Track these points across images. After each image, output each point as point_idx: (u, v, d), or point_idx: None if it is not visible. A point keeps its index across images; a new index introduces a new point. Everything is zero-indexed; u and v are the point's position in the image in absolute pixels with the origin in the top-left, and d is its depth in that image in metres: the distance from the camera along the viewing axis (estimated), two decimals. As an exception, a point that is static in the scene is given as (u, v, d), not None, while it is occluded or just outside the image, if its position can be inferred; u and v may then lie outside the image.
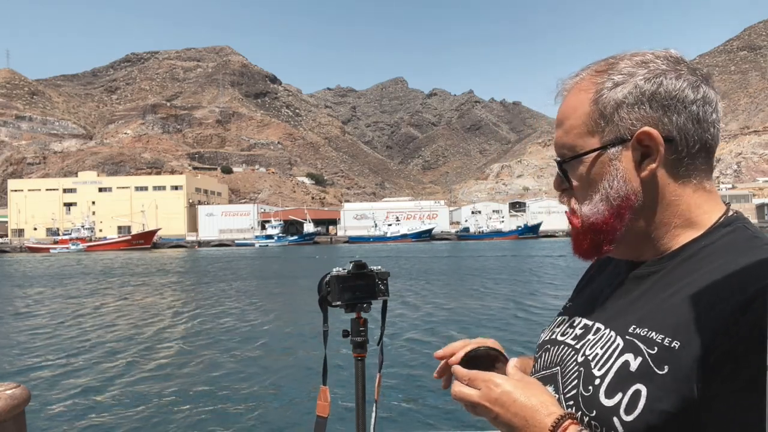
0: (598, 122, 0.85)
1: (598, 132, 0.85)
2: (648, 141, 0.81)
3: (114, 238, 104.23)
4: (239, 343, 12.87)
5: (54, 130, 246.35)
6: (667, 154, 0.82)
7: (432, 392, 8.54)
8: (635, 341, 0.79)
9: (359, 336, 1.26)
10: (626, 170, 0.84)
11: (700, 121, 0.81)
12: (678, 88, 0.81)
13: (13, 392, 1.54)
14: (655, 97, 0.81)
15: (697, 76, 0.83)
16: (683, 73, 0.82)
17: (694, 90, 0.81)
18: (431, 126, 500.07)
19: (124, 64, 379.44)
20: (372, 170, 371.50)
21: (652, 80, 0.82)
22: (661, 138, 0.81)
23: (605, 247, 0.89)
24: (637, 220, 0.86)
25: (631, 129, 0.82)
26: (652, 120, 0.81)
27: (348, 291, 1.22)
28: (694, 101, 0.81)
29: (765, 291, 0.68)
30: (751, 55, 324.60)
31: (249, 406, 8.25)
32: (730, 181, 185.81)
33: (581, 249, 0.91)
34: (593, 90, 0.86)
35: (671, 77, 0.82)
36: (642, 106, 0.81)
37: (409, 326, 14.06)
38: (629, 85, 0.82)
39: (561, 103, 0.89)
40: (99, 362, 11.24)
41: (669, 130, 0.81)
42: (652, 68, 0.83)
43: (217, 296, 22.94)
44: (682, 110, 0.81)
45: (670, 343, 0.75)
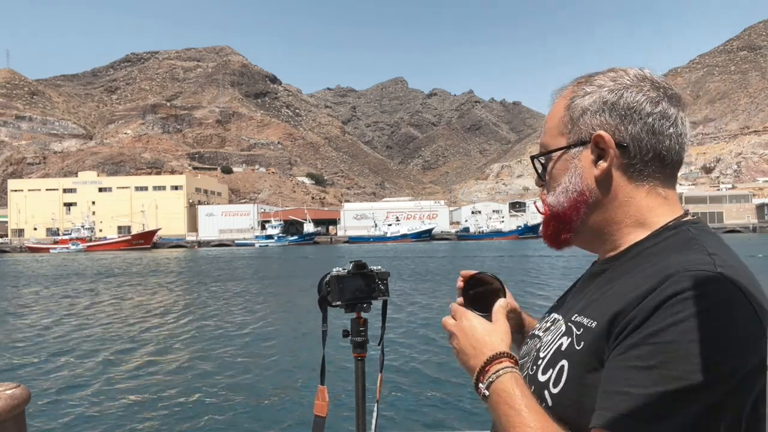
0: (567, 125, 0.98)
1: (566, 133, 0.98)
2: (602, 144, 0.93)
3: (114, 238, 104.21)
4: (239, 343, 12.88)
5: (54, 130, 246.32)
6: (621, 158, 0.93)
7: (432, 392, 8.55)
8: (572, 326, 0.93)
9: (359, 336, 1.27)
10: (584, 168, 0.96)
11: (655, 133, 0.91)
12: (636, 101, 0.91)
13: (13, 392, 1.55)
14: (615, 107, 0.92)
15: (659, 93, 0.92)
16: (645, 89, 0.92)
17: (652, 105, 0.91)
18: (431, 126, 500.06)
19: (124, 64, 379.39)
20: (372, 170, 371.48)
21: (615, 92, 0.93)
22: (613, 142, 0.92)
23: (563, 235, 1.01)
24: (592, 214, 0.97)
25: (590, 132, 0.94)
26: (610, 126, 0.93)
27: (348, 291, 1.22)
28: (650, 114, 0.91)
29: (677, 274, 0.78)
30: (751, 55, 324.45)
31: (248, 406, 8.25)
32: (730, 181, 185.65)
33: (546, 234, 1.05)
34: (569, 97, 0.99)
35: (632, 91, 0.92)
36: (603, 114, 0.93)
37: (409, 326, 14.06)
38: (596, 95, 0.94)
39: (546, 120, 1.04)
40: (99, 362, 11.25)
41: (623, 137, 0.92)
42: (618, 82, 0.94)
43: (216, 296, 22.94)
44: (638, 121, 0.91)
45: (590, 324, 0.88)
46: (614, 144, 0.92)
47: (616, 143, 0.92)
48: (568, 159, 0.98)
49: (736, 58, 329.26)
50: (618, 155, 0.93)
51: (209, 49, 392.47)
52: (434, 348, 11.55)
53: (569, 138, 0.98)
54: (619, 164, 0.93)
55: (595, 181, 0.95)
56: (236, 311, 18.27)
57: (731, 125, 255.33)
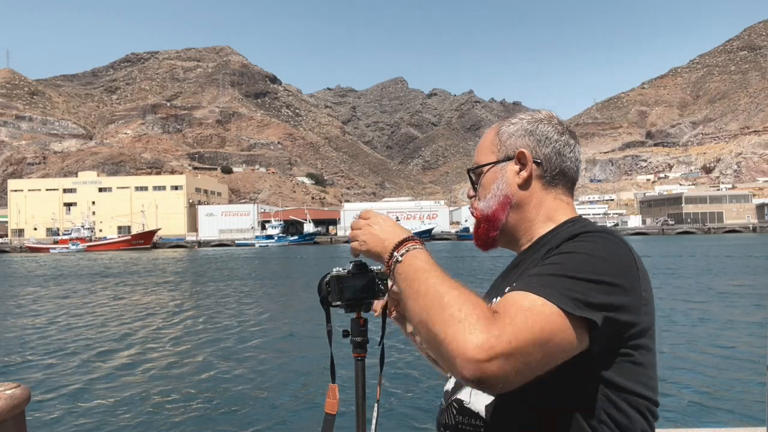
0: (497, 146, 1.29)
1: (495, 152, 1.29)
2: (524, 158, 1.24)
3: (114, 238, 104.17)
4: (240, 342, 12.86)
5: (54, 130, 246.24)
6: (537, 171, 1.25)
7: (433, 392, 8.54)
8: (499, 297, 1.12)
9: (359, 336, 1.29)
10: (509, 177, 1.26)
11: (560, 155, 1.25)
12: (547, 131, 1.26)
13: (13, 392, 1.55)
14: (532, 134, 1.26)
15: (562, 128, 1.28)
16: (553, 123, 1.28)
17: (558, 135, 1.26)
18: (431, 126, 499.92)
19: (124, 64, 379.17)
20: (372, 170, 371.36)
21: (532, 123, 1.28)
22: (531, 158, 1.24)
23: (492, 234, 1.28)
24: (513, 213, 1.26)
25: (515, 150, 1.26)
26: (529, 147, 1.25)
27: (348, 291, 1.24)
28: (557, 141, 1.25)
29: (580, 230, 1.12)
30: (751, 55, 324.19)
31: (253, 405, 8.24)
32: (730, 181, 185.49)
33: (477, 235, 1.31)
34: (498, 127, 1.33)
35: (544, 124, 1.27)
36: (524, 138, 1.26)
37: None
38: (519, 125, 1.29)
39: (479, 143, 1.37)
40: (99, 362, 11.24)
41: (538, 156, 1.25)
42: (534, 117, 1.29)
43: (216, 296, 22.93)
44: (548, 145, 1.25)
45: (505, 288, 1.12)
46: (532, 159, 1.24)
47: (533, 159, 1.24)
48: (497, 170, 1.28)
49: (736, 58, 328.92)
50: (534, 168, 1.24)
51: (209, 49, 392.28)
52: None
53: (498, 155, 1.29)
54: (535, 175, 1.25)
55: (517, 187, 1.25)
56: (236, 311, 18.25)
57: (731, 125, 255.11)
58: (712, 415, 7.28)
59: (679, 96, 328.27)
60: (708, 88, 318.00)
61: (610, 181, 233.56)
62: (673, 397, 8.04)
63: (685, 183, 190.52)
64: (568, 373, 0.99)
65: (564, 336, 0.93)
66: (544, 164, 1.25)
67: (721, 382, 8.78)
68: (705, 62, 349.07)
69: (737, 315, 15.01)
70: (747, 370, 9.38)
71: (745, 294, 19.52)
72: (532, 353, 0.89)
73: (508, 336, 0.87)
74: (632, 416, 1.04)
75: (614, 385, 1.03)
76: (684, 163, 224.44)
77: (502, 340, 0.87)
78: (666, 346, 11.50)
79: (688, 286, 22.49)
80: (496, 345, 0.86)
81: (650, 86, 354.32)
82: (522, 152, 1.25)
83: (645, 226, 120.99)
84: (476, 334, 0.87)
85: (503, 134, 1.31)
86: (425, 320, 0.96)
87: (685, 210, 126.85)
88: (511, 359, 0.87)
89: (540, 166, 1.25)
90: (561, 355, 0.94)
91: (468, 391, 1.15)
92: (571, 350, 0.95)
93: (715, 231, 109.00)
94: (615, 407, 1.03)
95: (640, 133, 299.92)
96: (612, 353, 1.02)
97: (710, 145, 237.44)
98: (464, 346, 0.87)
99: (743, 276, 26.10)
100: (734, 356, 10.51)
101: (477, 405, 1.11)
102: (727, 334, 12.56)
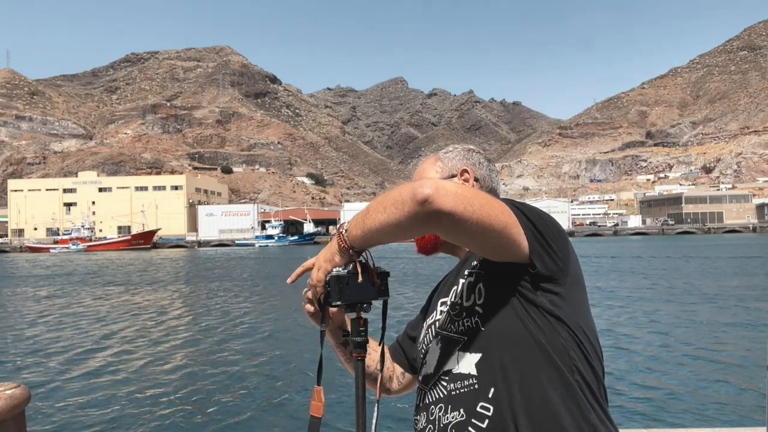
0: (440, 167, 1.47)
1: (439, 172, 1.46)
2: (467, 174, 1.44)
3: (114, 238, 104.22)
4: (239, 343, 12.87)
5: (54, 130, 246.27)
6: (476, 186, 1.44)
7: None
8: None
9: (359, 336, 1.29)
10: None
11: (491, 177, 1.48)
12: (479, 158, 1.49)
13: (13, 392, 1.55)
14: (468, 158, 1.47)
15: (484, 156, 1.52)
16: (479, 153, 1.51)
17: (485, 161, 1.50)
18: (431, 126, 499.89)
19: (124, 64, 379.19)
20: (372, 170, 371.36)
21: (467, 151, 1.50)
22: (473, 174, 1.45)
23: (438, 241, 1.42)
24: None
25: (458, 168, 1.45)
26: (470, 166, 1.46)
27: (348, 291, 1.25)
28: (487, 166, 1.48)
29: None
30: (751, 55, 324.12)
31: (246, 407, 8.24)
32: (730, 181, 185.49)
33: (423, 243, 1.44)
34: (436, 156, 1.52)
35: (475, 153, 1.50)
36: (464, 159, 1.47)
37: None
38: (456, 151, 1.50)
39: (417, 168, 1.54)
40: (99, 362, 11.24)
41: (477, 175, 1.45)
42: (464, 148, 1.52)
43: (216, 296, 22.92)
44: (481, 168, 1.46)
45: (439, 301, 1.42)
46: (473, 176, 1.44)
47: (473, 177, 1.44)
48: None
49: (736, 58, 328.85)
50: (474, 184, 1.43)
51: (209, 49, 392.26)
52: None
53: (442, 174, 1.45)
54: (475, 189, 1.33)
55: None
56: (236, 311, 18.25)
57: (731, 125, 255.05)
58: (712, 415, 7.28)
59: (679, 96, 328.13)
60: (708, 88, 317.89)
61: (610, 181, 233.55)
62: (673, 397, 8.04)
63: (685, 183, 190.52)
64: (535, 312, 1.17)
65: (504, 208, 1.16)
66: (480, 182, 1.44)
67: (721, 382, 8.78)
68: (705, 62, 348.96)
69: (737, 315, 15.01)
70: (747, 370, 9.38)
71: (745, 294, 19.50)
72: (473, 198, 1.09)
73: (454, 187, 1.09)
74: (589, 352, 1.20)
75: (567, 324, 1.18)
76: (684, 163, 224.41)
77: (448, 186, 1.09)
78: (666, 346, 11.50)
79: (687, 286, 22.48)
80: (443, 185, 1.08)
81: (650, 86, 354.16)
82: (465, 169, 1.43)
83: (645, 226, 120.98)
84: (425, 187, 1.07)
85: (444, 158, 1.48)
86: (389, 219, 1.10)
87: (685, 210, 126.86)
88: (458, 197, 1.06)
89: (478, 183, 1.43)
90: (500, 217, 1.12)
91: (454, 360, 1.24)
92: (510, 227, 1.14)
93: (715, 231, 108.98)
94: (576, 344, 1.18)
95: (640, 133, 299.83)
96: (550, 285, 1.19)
97: (710, 145, 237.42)
98: (419, 190, 1.06)
99: (743, 276, 26.08)
100: (734, 357, 10.50)
101: (466, 367, 1.21)
102: (727, 335, 12.56)
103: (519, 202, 1.21)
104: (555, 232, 1.19)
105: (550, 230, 1.18)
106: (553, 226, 1.20)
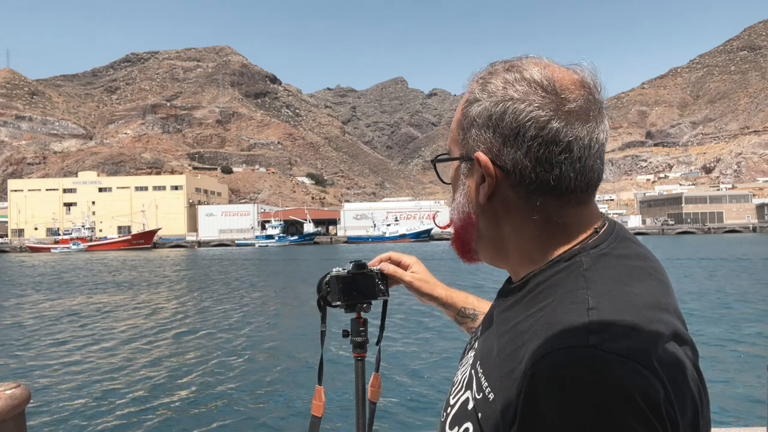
0: (459, 134, 0.83)
1: (458, 143, 0.84)
2: (480, 167, 0.79)
3: (114, 237, 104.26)
4: (238, 344, 12.88)
5: (54, 130, 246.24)
6: (505, 185, 0.78)
7: (432, 391, 8.55)
8: (473, 379, 0.81)
9: (359, 336, 1.27)
10: (470, 189, 0.83)
11: (540, 161, 0.74)
12: (519, 121, 0.74)
13: (13, 392, 1.55)
14: (498, 125, 0.76)
15: (552, 108, 0.74)
16: (535, 103, 0.74)
17: (537, 127, 0.74)
18: (431, 126, 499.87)
19: (124, 64, 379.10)
20: (372, 170, 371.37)
21: (500, 104, 0.76)
22: (491, 167, 0.77)
23: (466, 254, 0.90)
24: (482, 239, 0.86)
25: (474, 150, 0.80)
26: (493, 147, 0.77)
27: (348, 291, 1.23)
28: (534, 138, 0.74)
29: (542, 360, 0.65)
30: (751, 55, 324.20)
31: (246, 406, 8.26)
32: (730, 181, 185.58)
33: (454, 246, 0.91)
34: (466, 98, 0.83)
35: (518, 106, 0.75)
36: (488, 130, 0.78)
37: (407, 326, 14.06)
38: (484, 104, 0.78)
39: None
40: (99, 362, 11.25)
41: (505, 162, 0.76)
42: (506, 91, 0.77)
43: (216, 296, 22.94)
44: (521, 145, 0.75)
45: (488, 393, 0.75)
46: (492, 168, 0.77)
47: (498, 167, 0.77)
48: (459, 174, 0.86)
49: (736, 58, 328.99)
50: (503, 179, 0.78)
51: (209, 49, 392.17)
52: (432, 347, 11.56)
53: (460, 150, 0.84)
54: (504, 190, 0.79)
55: (478, 206, 0.83)
56: (236, 311, 18.27)
57: (731, 125, 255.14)
58: (711, 416, 7.28)
59: (679, 96, 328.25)
60: (708, 88, 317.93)
61: (610, 181, 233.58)
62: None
63: (685, 183, 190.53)
64: None
65: None
66: (513, 176, 0.77)
67: (721, 382, 8.79)
68: (705, 62, 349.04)
69: (737, 315, 15.02)
70: (747, 370, 9.39)
71: (745, 294, 19.52)
72: None
73: None
74: None
75: None
76: (684, 163, 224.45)
77: None
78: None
79: (687, 285, 22.50)
80: None
81: (650, 86, 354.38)
82: (477, 158, 0.79)
83: (645, 226, 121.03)
84: None
85: (466, 116, 0.82)
86: None
87: (685, 210, 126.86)
88: None
89: (509, 176, 0.77)
90: None
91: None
92: None
93: (715, 231, 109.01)
94: None
95: (640, 133, 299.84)
96: None
97: (710, 145, 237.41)
98: None
99: (743, 276, 26.10)
100: (734, 356, 10.51)
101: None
102: (727, 335, 12.57)
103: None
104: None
105: None
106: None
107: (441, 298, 1.27)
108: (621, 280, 0.73)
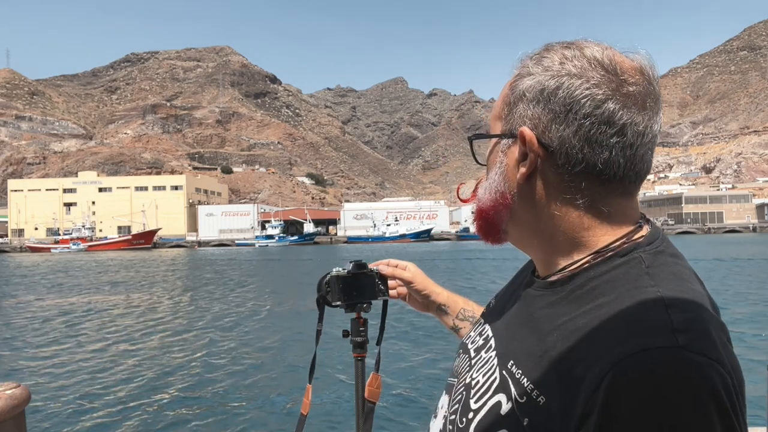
0: (504, 109, 0.80)
1: (502, 119, 0.80)
2: (523, 143, 0.75)
3: (114, 237, 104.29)
4: (238, 344, 12.89)
5: (54, 130, 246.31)
6: (548, 165, 0.74)
7: (431, 392, 8.56)
8: (509, 381, 0.75)
9: (359, 336, 1.27)
10: (508, 167, 0.78)
11: (590, 141, 0.70)
12: (574, 96, 0.70)
13: (13, 392, 1.55)
14: (550, 100, 0.72)
15: (611, 87, 0.70)
16: (593, 80, 0.71)
17: (593, 104, 0.70)
18: (431, 126, 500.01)
19: (124, 64, 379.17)
20: (372, 170, 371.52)
21: (556, 79, 0.72)
22: (536, 143, 0.73)
23: (492, 235, 0.85)
24: (516, 221, 0.81)
25: (519, 125, 0.76)
26: (540, 123, 0.74)
27: (348, 291, 1.23)
28: (588, 116, 0.70)
29: (627, 359, 0.62)
30: (751, 55, 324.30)
31: (244, 406, 8.27)
32: (730, 181, 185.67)
33: (477, 227, 0.87)
34: (517, 73, 0.79)
35: (575, 82, 0.71)
36: (537, 105, 0.74)
37: (407, 326, 14.08)
38: (537, 78, 0.75)
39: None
40: (99, 362, 11.26)
41: (551, 139, 0.72)
42: (564, 66, 0.73)
43: (216, 296, 22.95)
44: (572, 122, 0.70)
45: (537, 397, 0.70)
46: (537, 145, 0.73)
47: (543, 145, 0.73)
48: (498, 151, 0.81)
49: (736, 58, 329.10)
50: (546, 158, 0.74)
51: (209, 49, 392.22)
52: (432, 347, 11.57)
53: (503, 126, 0.80)
54: (546, 170, 0.75)
55: (516, 186, 0.78)
56: (236, 311, 18.27)
57: (731, 125, 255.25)
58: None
59: (679, 96, 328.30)
60: (708, 88, 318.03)
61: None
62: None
63: (685, 183, 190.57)
64: None
65: None
66: (558, 155, 0.73)
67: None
68: (705, 62, 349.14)
69: (736, 315, 15.03)
70: (746, 370, 9.36)
71: (744, 295, 19.53)
72: None
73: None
74: None
75: None
76: (684, 163, 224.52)
77: None
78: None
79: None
80: None
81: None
82: (521, 133, 0.75)
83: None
84: None
85: (515, 90, 0.78)
86: None
87: (685, 210, 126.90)
88: None
89: (553, 156, 0.73)
90: None
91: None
92: None
93: (715, 231, 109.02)
94: None
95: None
96: None
97: (710, 145, 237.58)
98: None
99: (743, 277, 26.11)
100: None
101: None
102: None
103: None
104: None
105: None
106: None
107: (441, 297, 1.30)
108: (683, 278, 0.71)
